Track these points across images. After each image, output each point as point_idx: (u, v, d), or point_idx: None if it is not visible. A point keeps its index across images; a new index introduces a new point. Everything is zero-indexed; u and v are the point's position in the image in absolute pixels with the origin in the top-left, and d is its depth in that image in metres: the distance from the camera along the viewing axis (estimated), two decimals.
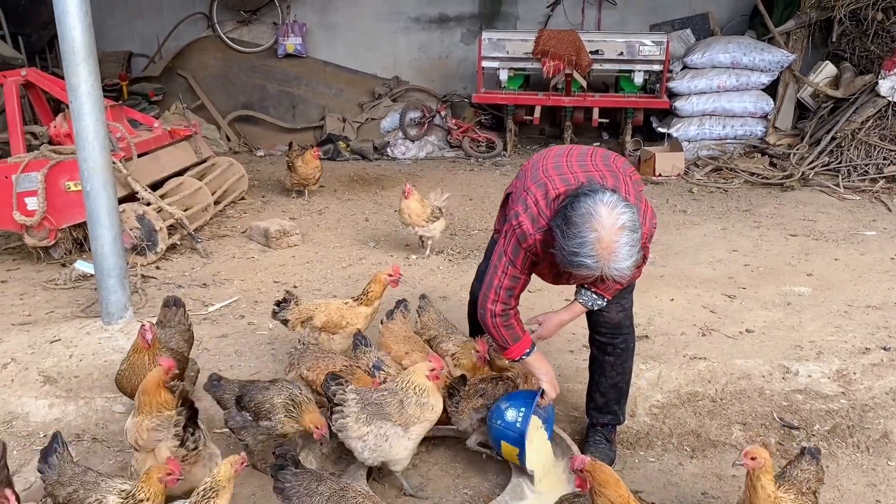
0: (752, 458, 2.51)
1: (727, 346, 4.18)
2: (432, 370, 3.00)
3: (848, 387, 3.81)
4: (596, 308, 3.05)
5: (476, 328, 3.65)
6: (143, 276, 5.26)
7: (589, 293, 2.99)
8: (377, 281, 3.86)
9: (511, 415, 3.07)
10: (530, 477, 3.09)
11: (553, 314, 3.17)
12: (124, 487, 2.58)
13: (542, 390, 3.09)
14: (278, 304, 3.92)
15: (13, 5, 9.67)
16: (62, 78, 5.02)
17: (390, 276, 3.86)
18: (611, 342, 3.20)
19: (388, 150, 9.98)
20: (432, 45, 11.07)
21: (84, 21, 3.85)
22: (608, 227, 2.44)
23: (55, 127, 6.14)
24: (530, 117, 9.65)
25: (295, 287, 5.12)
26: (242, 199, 7.44)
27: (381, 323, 3.77)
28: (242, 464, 2.59)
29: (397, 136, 10.04)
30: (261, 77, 11.02)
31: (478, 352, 3.46)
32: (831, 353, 4.07)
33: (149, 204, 5.62)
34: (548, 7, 10.72)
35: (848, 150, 8.13)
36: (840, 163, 8.11)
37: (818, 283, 5.16)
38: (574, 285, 3.06)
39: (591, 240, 2.45)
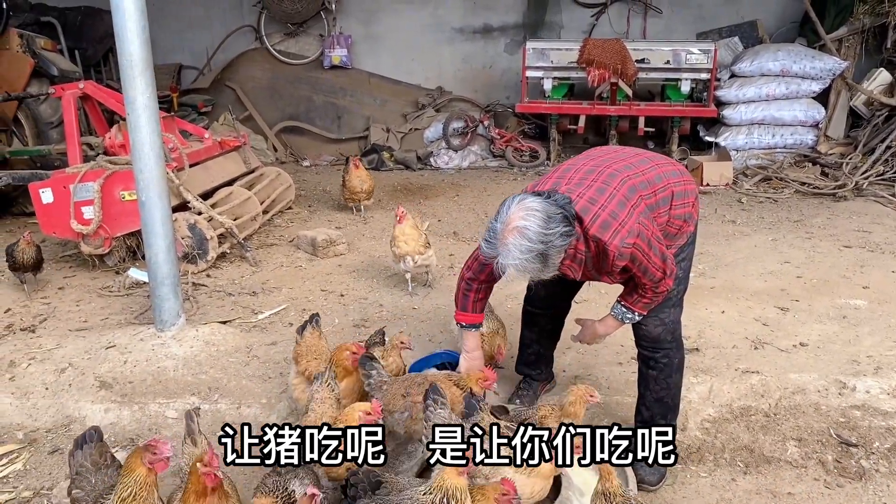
0: None
1: (780, 359, 4.09)
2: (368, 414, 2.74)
3: None
4: (628, 321, 3.07)
5: (526, 338, 3.65)
6: (194, 283, 5.36)
7: (619, 306, 3.04)
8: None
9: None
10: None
11: (591, 323, 3.24)
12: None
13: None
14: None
15: (71, 21, 10.02)
16: (117, 90, 5.16)
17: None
18: (652, 356, 3.18)
19: (432, 159, 10.04)
20: (476, 56, 11.11)
21: (141, 36, 3.94)
22: (506, 223, 2.59)
23: (110, 138, 6.27)
24: (574, 126, 9.60)
25: (342, 296, 5.17)
26: (290, 208, 7.56)
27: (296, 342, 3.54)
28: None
29: (440, 146, 10.09)
30: (307, 88, 11.21)
31: (353, 353, 3.27)
32: (890, 368, 3.95)
33: (200, 213, 5.73)
34: (592, 16, 10.69)
35: None
36: None
37: (875, 295, 5.01)
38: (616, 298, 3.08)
39: (494, 228, 2.64)
